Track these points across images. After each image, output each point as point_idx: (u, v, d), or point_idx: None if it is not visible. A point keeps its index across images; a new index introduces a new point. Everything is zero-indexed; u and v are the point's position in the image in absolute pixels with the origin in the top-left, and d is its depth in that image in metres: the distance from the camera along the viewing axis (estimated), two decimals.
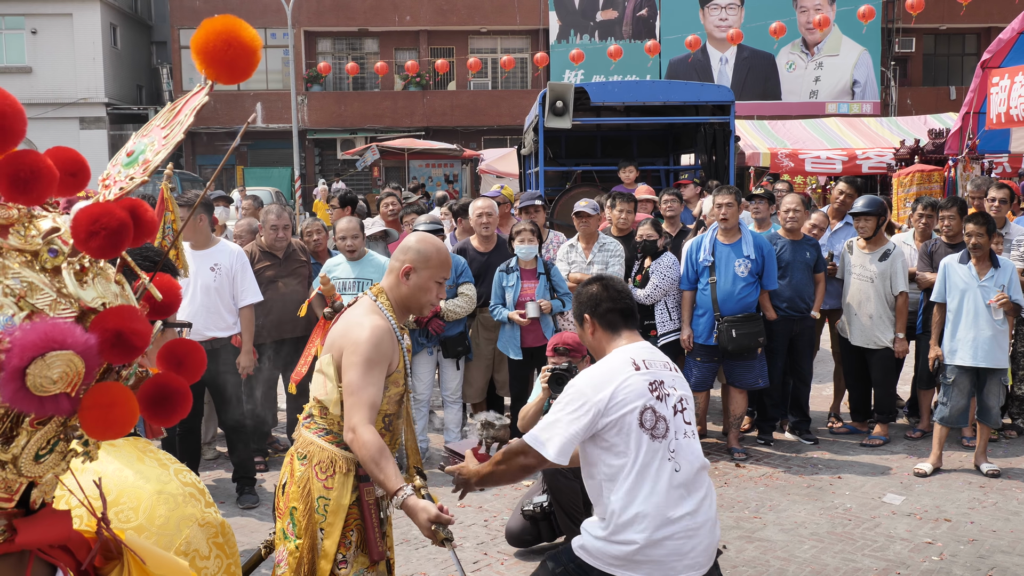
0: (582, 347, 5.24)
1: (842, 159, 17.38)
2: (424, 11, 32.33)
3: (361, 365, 3.08)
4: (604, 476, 3.30)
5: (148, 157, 1.35)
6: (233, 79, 1.39)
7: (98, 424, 1.24)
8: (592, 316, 3.51)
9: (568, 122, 10.72)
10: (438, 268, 3.31)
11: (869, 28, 28.58)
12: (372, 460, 2.97)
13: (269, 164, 33.06)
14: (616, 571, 3.25)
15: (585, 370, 3.46)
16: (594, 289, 3.56)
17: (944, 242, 7.31)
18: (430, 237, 3.44)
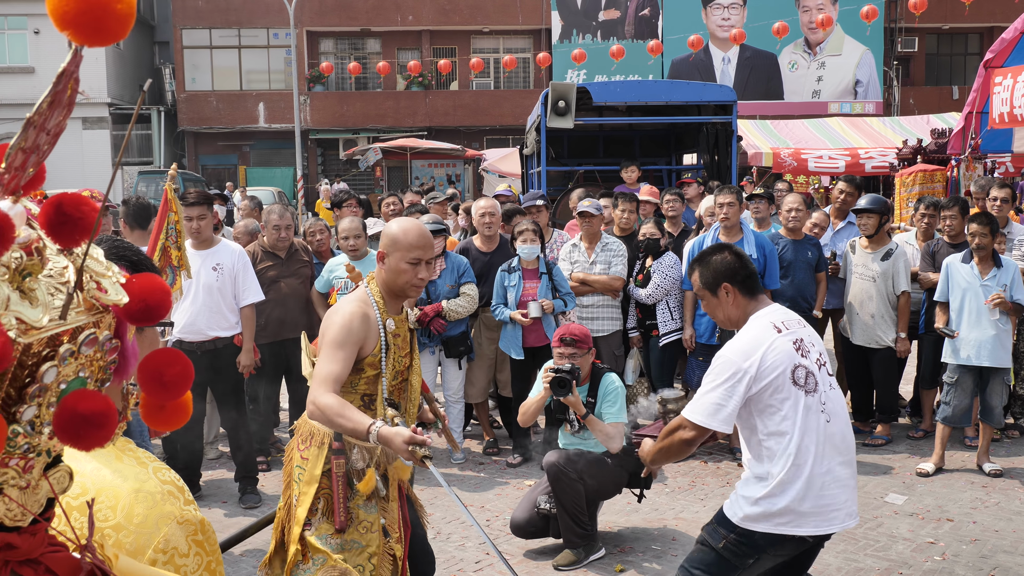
0: (588, 339, 5.24)
1: (845, 159, 17.37)
2: (426, 11, 32.34)
3: (328, 346, 3.26)
4: (766, 435, 3.42)
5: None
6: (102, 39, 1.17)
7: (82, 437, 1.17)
8: (732, 283, 3.56)
9: (570, 122, 10.73)
10: (407, 249, 3.37)
11: (872, 28, 28.54)
12: (336, 416, 3.08)
13: (272, 164, 33.08)
14: (783, 529, 3.38)
15: (731, 340, 3.54)
16: (728, 257, 3.62)
17: (946, 242, 7.30)
18: (402, 220, 3.53)
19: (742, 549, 3.44)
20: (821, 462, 3.38)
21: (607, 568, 5.10)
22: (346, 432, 3.13)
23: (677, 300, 7.26)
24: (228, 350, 6.21)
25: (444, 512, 5.96)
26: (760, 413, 3.42)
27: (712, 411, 3.36)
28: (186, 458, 6.26)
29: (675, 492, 6.34)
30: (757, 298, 3.60)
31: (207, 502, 6.29)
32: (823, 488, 3.37)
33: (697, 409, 3.40)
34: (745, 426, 3.50)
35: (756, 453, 3.48)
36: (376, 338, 3.36)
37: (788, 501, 3.36)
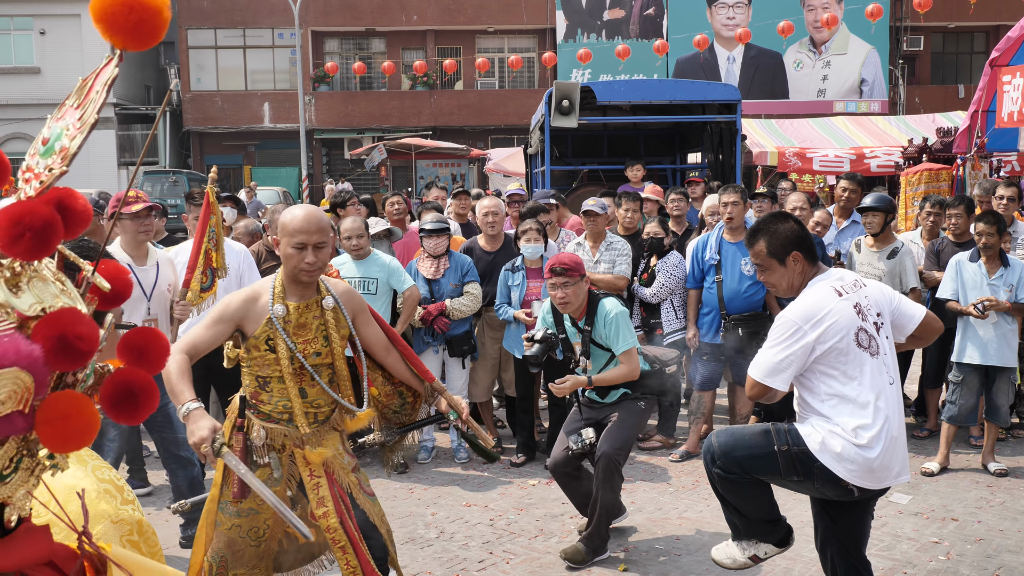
0: (580, 266, 5.15)
1: (850, 158, 17.33)
2: (431, 11, 32.35)
3: (208, 316, 3.59)
4: (831, 397, 3.54)
5: (65, 144, 1.26)
6: (141, 44, 1.27)
7: (57, 438, 1.18)
8: (801, 251, 3.64)
9: (574, 121, 10.72)
10: (291, 234, 3.49)
11: (877, 26, 28.51)
12: (169, 382, 3.35)
13: (276, 164, 33.11)
14: (846, 475, 3.51)
15: (793, 302, 3.62)
16: (793, 226, 3.70)
17: (951, 241, 7.28)
18: (293, 207, 3.65)
19: (795, 465, 3.57)
20: (895, 424, 3.55)
21: (611, 567, 5.10)
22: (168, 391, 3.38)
23: (681, 299, 7.25)
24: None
25: (447, 512, 5.96)
26: (828, 377, 3.54)
27: (772, 370, 3.52)
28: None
29: (679, 492, 6.33)
30: (817, 265, 3.70)
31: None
32: (895, 450, 3.54)
33: (759, 366, 3.55)
34: (810, 388, 3.61)
35: (828, 410, 3.56)
36: (258, 321, 3.52)
37: (870, 455, 3.48)
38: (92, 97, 1.29)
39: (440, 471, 6.84)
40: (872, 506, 3.82)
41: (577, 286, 5.11)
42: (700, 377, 7.09)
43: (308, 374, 3.58)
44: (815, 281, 3.64)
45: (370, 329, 3.85)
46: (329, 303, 3.67)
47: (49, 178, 1.22)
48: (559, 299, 5.14)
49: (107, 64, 1.29)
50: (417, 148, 26.90)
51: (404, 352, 3.94)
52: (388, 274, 6.60)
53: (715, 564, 4.10)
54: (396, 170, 30.15)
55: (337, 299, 3.70)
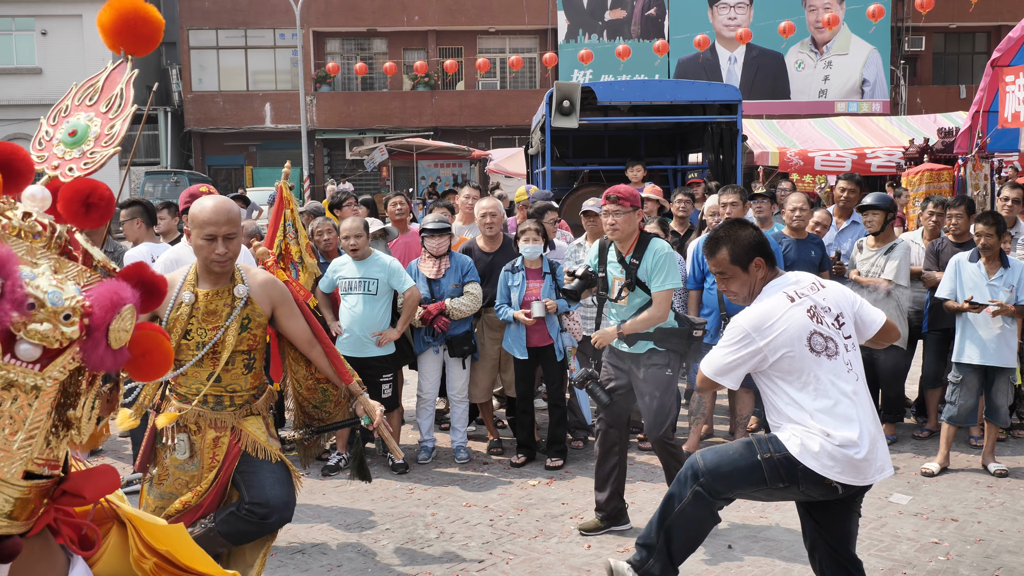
0: (635, 198, 5.36)
1: (851, 158, 17.33)
2: (432, 11, 32.36)
3: None
4: (792, 403, 3.57)
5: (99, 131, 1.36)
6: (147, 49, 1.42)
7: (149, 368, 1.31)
8: (763, 256, 3.66)
9: (575, 121, 10.72)
10: (201, 226, 3.59)
11: (878, 27, 28.50)
12: None
13: (278, 164, 32.89)
14: (829, 472, 3.53)
15: (747, 309, 3.66)
16: (753, 232, 3.73)
17: (951, 241, 7.28)
18: (204, 199, 3.73)
19: (779, 471, 3.58)
20: (868, 420, 3.57)
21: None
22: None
23: (681, 299, 7.25)
24: None
25: (448, 512, 5.96)
26: (784, 383, 3.59)
27: (721, 369, 3.62)
28: None
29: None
30: (775, 270, 3.72)
31: None
32: (874, 444, 3.55)
33: (710, 363, 3.65)
34: (771, 391, 3.66)
35: (792, 412, 3.61)
36: (170, 305, 3.67)
37: (850, 452, 3.49)
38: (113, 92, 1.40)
39: (440, 471, 6.84)
40: (857, 504, 3.83)
41: (628, 216, 5.30)
42: None
43: (220, 360, 3.73)
44: (771, 287, 3.67)
45: (293, 322, 3.92)
46: (240, 291, 3.76)
47: (92, 160, 1.33)
48: (609, 224, 5.33)
49: (118, 67, 1.43)
50: (418, 148, 26.92)
51: (327, 349, 4.03)
52: (389, 275, 6.61)
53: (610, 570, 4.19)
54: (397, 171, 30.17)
55: (250, 289, 3.79)
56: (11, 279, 1.12)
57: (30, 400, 1.19)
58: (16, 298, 1.11)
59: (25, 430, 1.19)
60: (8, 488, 1.19)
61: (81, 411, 1.27)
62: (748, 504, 6.01)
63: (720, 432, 7.63)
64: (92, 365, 1.20)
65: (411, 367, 7.32)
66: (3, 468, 1.18)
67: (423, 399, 7.06)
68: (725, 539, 5.46)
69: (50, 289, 1.17)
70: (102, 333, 1.19)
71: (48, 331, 1.15)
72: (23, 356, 1.15)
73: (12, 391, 1.17)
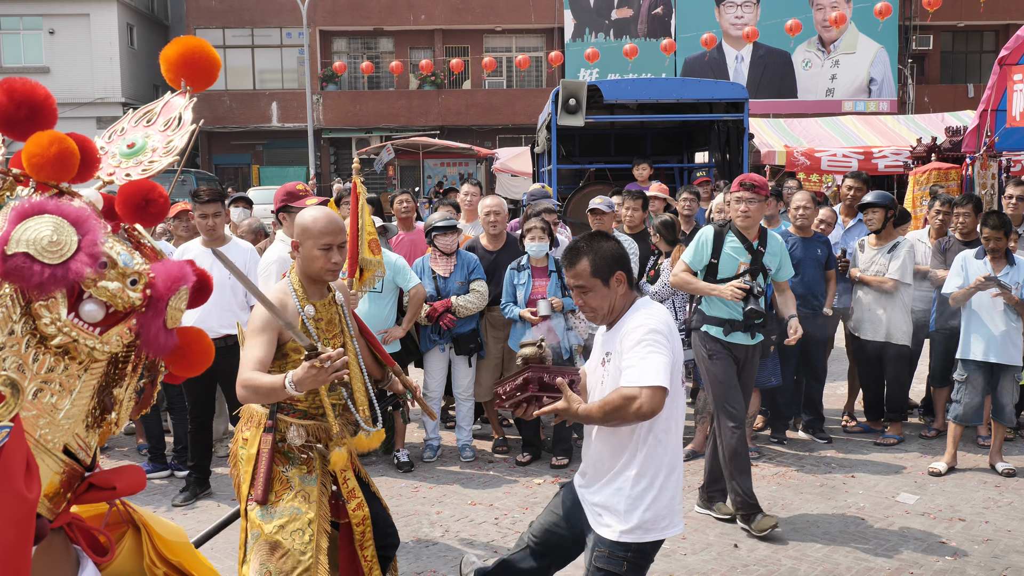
0: (766, 186, 5.49)
1: (858, 157, 17.28)
2: (439, 10, 32.35)
3: (249, 335, 3.50)
4: (661, 431, 3.30)
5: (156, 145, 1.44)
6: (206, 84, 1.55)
7: (192, 359, 1.37)
8: (624, 271, 3.40)
9: (581, 120, 10.69)
10: (317, 236, 3.57)
11: (886, 25, 28.40)
12: (258, 387, 3.26)
13: (284, 163, 33.15)
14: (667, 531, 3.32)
15: (647, 314, 3.31)
16: (615, 244, 3.45)
17: (958, 239, 7.25)
18: (312, 209, 3.68)
19: (640, 563, 3.33)
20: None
21: None
22: (272, 397, 3.30)
23: (684, 298, 7.23)
24: (238, 348, 6.19)
25: (453, 510, 5.96)
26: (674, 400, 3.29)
27: (667, 372, 3.15)
28: (197, 455, 6.28)
29: (684, 491, 6.31)
30: (635, 292, 3.48)
31: (217, 498, 6.30)
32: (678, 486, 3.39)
33: (657, 372, 3.13)
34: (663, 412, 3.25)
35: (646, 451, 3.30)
36: (294, 324, 3.51)
37: (670, 498, 3.31)
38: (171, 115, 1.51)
39: (445, 470, 6.83)
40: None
41: (760, 205, 5.41)
42: None
43: (353, 368, 3.68)
44: (644, 303, 3.40)
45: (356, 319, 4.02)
46: (339, 297, 3.80)
47: (150, 167, 1.40)
48: (741, 211, 5.43)
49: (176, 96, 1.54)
50: (425, 147, 26.92)
51: (370, 339, 4.06)
52: (394, 272, 6.60)
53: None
54: (404, 169, 30.19)
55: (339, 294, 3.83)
56: (89, 235, 1.17)
57: (79, 372, 1.21)
58: (93, 252, 1.16)
59: (71, 400, 1.21)
60: (50, 459, 1.21)
61: (123, 394, 1.30)
62: None
63: None
64: (146, 339, 1.24)
65: (416, 365, 7.32)
66: (48, 434, 1.20)
67: (429, 397, 7.06)
68: (731, 538, 5.45)
69: (122, 252, 1.24)
70: (163, 305, 1.24)
71: (117, 290, 1.20)
72: (86, 317, 1.19)
73: (64, 359, 1.19)
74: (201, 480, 6.32)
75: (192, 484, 6.28)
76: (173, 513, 6.01)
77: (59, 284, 1.14)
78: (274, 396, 3.28)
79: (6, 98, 1.29)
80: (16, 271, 1.12)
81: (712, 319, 5.61)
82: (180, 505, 6.14)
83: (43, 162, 1.24)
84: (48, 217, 1.14)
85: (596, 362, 3.49)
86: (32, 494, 1.13)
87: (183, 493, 6.25)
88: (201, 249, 6.12)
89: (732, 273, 5.55)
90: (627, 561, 3.27)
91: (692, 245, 5.67)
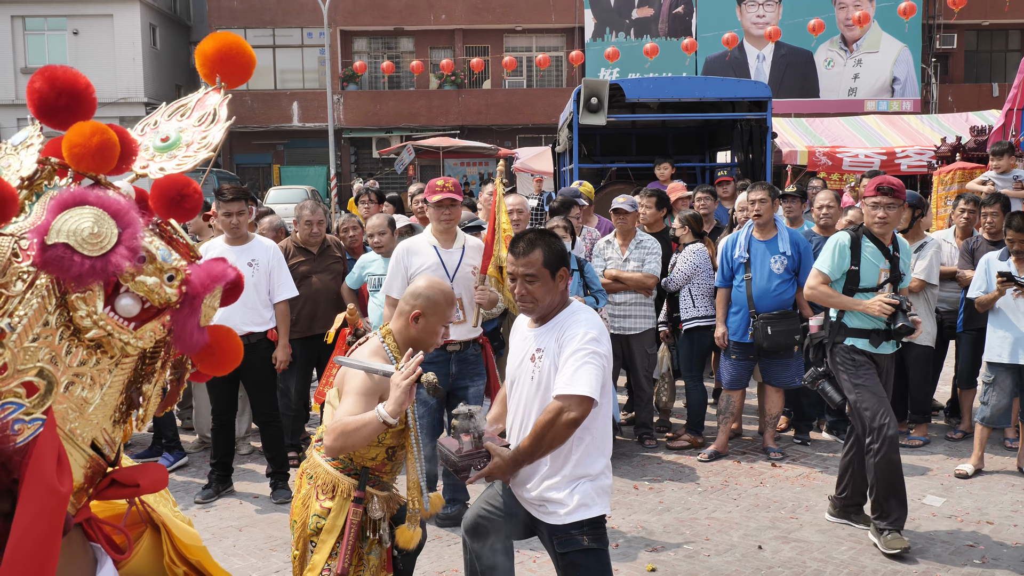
0: (903, 191, 5.30)
1: (881, 157, 17.16)
2: (459, 10, 32.38)
3: (353, 392, 3.34)
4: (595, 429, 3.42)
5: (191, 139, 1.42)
6: (240, 81, 1.54)
7: (221, 358, 1.35)
8: (567, 269, 3.48)
9: (602, 119, 10.66)
10: (444, 314, 3.59)
11: (909, 24, 28.20)
12: (350, 432, 3.19)
13: (305, 163, 33.28)
14: (606, 508, 3.47)
15: (584, 319, 3.40)
16: (562, 243, 3.54)
17: (986, 239, 7.17)
18: (439, 283, 3.65)
19: (599, 532, 3.45)
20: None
21: (639, 567, 5.06)
22: (368, 436, 3.20)
23: (700, 288, 7.18)
24: (261, 345, 6.23)
25: None
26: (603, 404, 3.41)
27: (598, 383, 3.26)
28: (220, 453, 6.30)
29: (707, 492, 6.27)
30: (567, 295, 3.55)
31: (239, 496, 6.32)
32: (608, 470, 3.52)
33: (588, 383, 3.23)
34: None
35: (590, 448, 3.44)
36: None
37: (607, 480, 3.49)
38: (209, 110, 1.49)
39: None
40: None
41: (899, 211, 5.28)
42: (729, 376, 7.02)
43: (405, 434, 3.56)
44: (580, 307, 3.48)
45: None
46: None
47: (185, 161, 1.39)
48: (879, 217, 5.24)
49: (211, 92, 1.52)
50: (445, 147, 26.94)
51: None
52: None
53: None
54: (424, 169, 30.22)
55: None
56: (130, 228, 1.15)
57: (111, 366, 1.21)
58: (132, 246, 1.15)
59: (101, 394, 1.21)
60: (78, 453, 1.21)
61: (152, 390, 1.28)
62: (779, 505, 5.96)
63: (749, 431, 7.57)
64: (179, 336, 1.23)
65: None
66: (77, 428, 1.20)
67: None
68: (755, 540, 5.40)
69: (161, 247, 1.22)
70: (198, 303, 1.22)
71: (154, 285, 1.19)
72: (122, 311, 1.18)
73: (96, 352, 1.19)
74: (223, 477, 6.34)
75: (214, 481, 6.30)
76: (194, 510, 6.03)
77: (98, 277, 1.13)
78: (365, 434, 3.20)
79: (47, 86, 1.27)
80: (55, 261, 1.11)
81: (856, 331, 5.35)
82: (202, 502, 6.15)
83: (85, 152, 1.23)
84: (89, 208, 1.13)
85: (522, 357, 3.53)
86: (64, 488, 1.12)
87: (205, 490, 6.27)
88: (224, 247, 6.13)
89: (874, 282, 5.32)
90: (586, 535, 3.41)
91: (827, 254, 5.41)
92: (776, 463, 6.83)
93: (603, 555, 3.44)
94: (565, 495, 3.39)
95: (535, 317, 3.51)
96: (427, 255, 5.62)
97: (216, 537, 5.56)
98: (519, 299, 3.47)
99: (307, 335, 6.88)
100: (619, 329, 7.05)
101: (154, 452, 7.04)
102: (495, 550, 3.76)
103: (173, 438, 7.01)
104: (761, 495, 6.15)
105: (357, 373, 3.36)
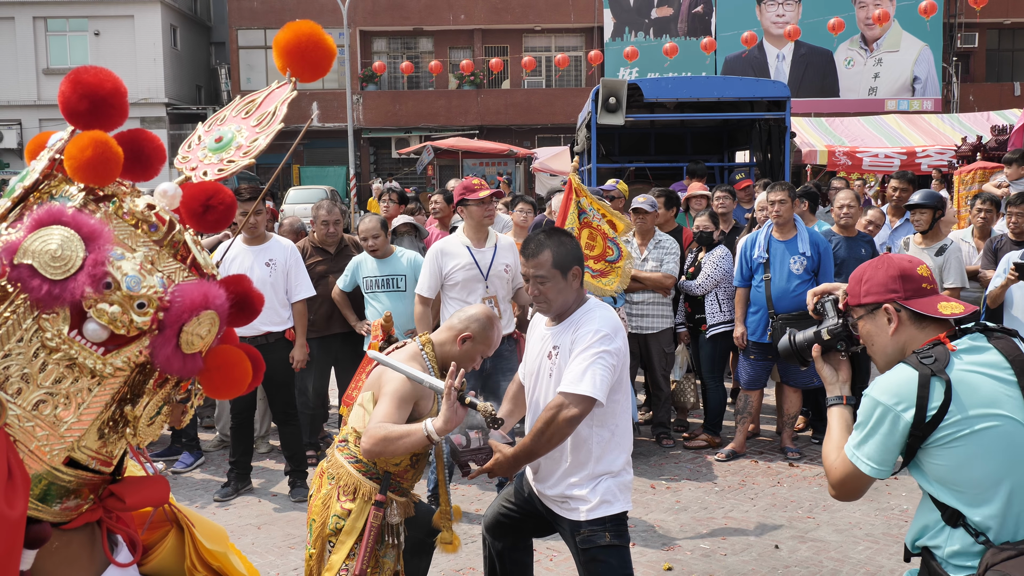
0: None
1: (901, 157, 17.04)
2: (478, 10, 32.42)
3: (390, 396, 3.37)
4: (612, 424, 3.45)
5: (241, 142, 1.41)
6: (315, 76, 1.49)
7: (222, 383, 1.30)
8: (580, 267, 3.50)
9: (621, 118, 10.64)
10: (490, 345, 3.67)
11: (930, 23, 28.01)
12: (392, 440, 3.23)
13: (325, 163, 33.39)
14: (628, 504, 3.50)
15: (597, 317, 3.42)
16: (575, 241, 3.59)
17: (1011, 239, 7.11)
18: (495, 317, 3.71)
19: (620, 528, 3.47)
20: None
21: (655, 566, 5.06)
22: (409, 447, 3.26)
23: (726, 292, 7.18)
24: (279, 344, 6.26)
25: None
26: (615, 402, 3.43)
27: (607, 386, 3.30)
28: (239, 451, 6.34)
29: (725, 491, 6.26)
30: (584, 292, 3.58)
31: (258, 495, 6.36)
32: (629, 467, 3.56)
33: (596, 385, 3.26)
34: (607, 412, 3.43)
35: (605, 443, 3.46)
36: (431, 400, 3.52)
37: (628, 476, 3.51)
38: (267, 110, 1.46)
39: None
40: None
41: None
42: (747, 376, 7.01)
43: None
44: (596, 304, 3.51)
45: None
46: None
47: (229, 168, 1.36)
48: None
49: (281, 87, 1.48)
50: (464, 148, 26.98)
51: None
52: (414, 271, 6.50)
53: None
54: (443, 169, 30.26)
55: None
56: (96, 253, 1.13)
57: (91, 385, 1.19)
58: (95, 273, 1.12)
59: (77, 414, 1.19)
60: (45, 471, 1.19)
61: (141, 411, 1.26)
62: (795, 504, 5.95)
63: (767, 432, 7.55)
64: (159, 363, 1.20)
65: None
66: (45, 447, 1.18)
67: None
68: (772, 539, 5.40)
69: (130, 273, 1.17)
70: (174, 331, 1.18)
71: (116, 314, 1.15)
72: (89, 336, 1.15)
73: (75, 371, 1.17)
74: (242, 476, 6.38)
75: (233, 479, 6.34)
76: (213, 507, 6.08)
77: (55, 302, 1.12)
78: (407, 445, 3.23)
79: (71, 89, 1.27)
80: (19, 282, 1.11)
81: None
82: (221, 500, 6.20)
83: (77, 165, 1.21)
84: (59, 229, 1.11)
85: (539, 355, 3.56)
86: (15, 509, 1.10)
87: (224, 488, 6.31)
88: (242, 247, 6.17)
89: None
90: (608, 531, 3.42)
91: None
92: (794, 463, 6.82)
93: (624, 551, 3.46)
94: (587, 492, 3.41)
95: (551, 316, 3.54)
96: (461, 255, 5.79)
97: (235, 535, 5.60)
98: (533, 300, 3.51)
99: (324, 334, 6.91)
100: (637, 328, 7.05)
101: (173, 451, 7.10)
102: (515, 547, 3.79)
103: (193, 438, 7.07)
104: (778, 495, 6.14)
105: (396, 376, 3.38)
